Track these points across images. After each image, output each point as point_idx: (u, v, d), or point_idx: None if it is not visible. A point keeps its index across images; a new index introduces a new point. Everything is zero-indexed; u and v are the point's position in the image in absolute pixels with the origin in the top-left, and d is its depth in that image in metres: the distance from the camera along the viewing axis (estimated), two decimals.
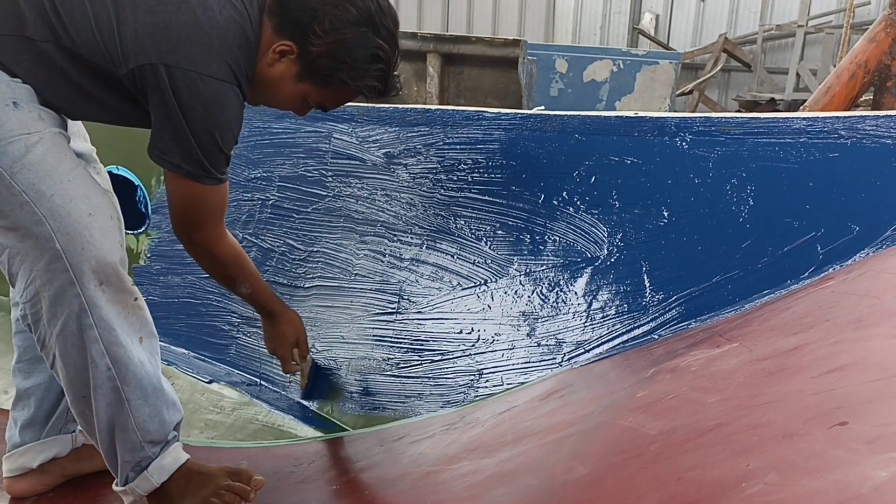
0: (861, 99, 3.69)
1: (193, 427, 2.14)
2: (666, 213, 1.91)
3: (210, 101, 1.38)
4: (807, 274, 1.69)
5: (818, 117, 1.80)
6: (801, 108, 3.48)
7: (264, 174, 2.36)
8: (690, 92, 10.14)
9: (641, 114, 2.02)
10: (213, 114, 1.40)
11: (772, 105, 9.64)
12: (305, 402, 2.16)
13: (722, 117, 1.92)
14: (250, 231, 2.36)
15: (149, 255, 2.52)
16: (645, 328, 1.82)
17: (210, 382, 2.31)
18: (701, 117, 1.94)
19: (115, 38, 1.34)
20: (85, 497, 1.65)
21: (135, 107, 1.44)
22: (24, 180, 1.29)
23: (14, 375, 1.68)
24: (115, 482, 1.49)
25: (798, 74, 10.33)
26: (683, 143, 1.92)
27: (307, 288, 2.27)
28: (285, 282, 2.29)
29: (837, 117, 1.79)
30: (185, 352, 2.40)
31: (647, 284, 1.88)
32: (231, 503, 1.48)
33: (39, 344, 1.38)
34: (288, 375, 2.14)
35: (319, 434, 2.07)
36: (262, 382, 2.26)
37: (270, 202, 2.35)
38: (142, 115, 1.45)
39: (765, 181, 1.82)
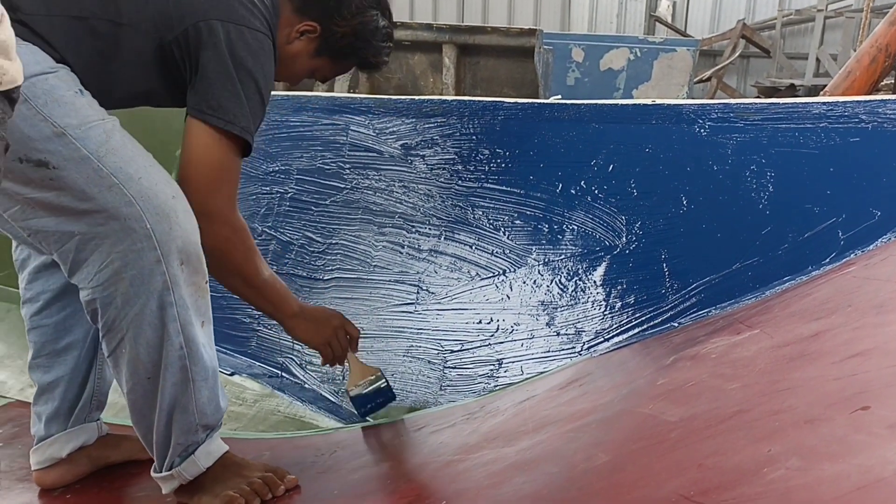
0: (882, 83, 3.64)
1: None
2: (684, 201, 1.90)
3: (258, 52, 1.47)
4: (828, 260, 1.68)
5: (838, 102, 1.79)
6: (822, 93, 3.44)
7: (282, 167, 2.37)
8: (709, 79, 10.06)
9: (659, 101, 2.01)
10: (260, 64, 1.48)
11: (791, 91, 9.54)
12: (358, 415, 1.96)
13: (740, 103, 1.91)
14: (269, 224, 2.37)
15: None
16: (664, 316, 1.82)
17: (232, 374, 2.33)
18: (719, 104, 1.93)
19: (168, 3, 1.43)
20: (112, 488, 1.67)
21: (168, 84, 1.50)
22: (111, 164, 1.34)
23: (33, 371, 1.69)
24: (154, 468, 1.50)
25: (818, 59, 10.22)
26: (702, 131, 1.91)
27: (326, 280, 2.28)
28: (304, 274, 2.31)
29: (858, 101, 1.78)
30: None
31: (666, 273, 1.87)
32: (259, 490, 1.50)
33: (105, 329, 1.39)
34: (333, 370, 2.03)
35: (340, 425, 2.08)
36: (284, 374, 2.28)
37: (289, 195, 2.36)
38: (172, 92, 1.52)
39: (785, 167, 1.81)
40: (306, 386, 2.23)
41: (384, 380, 1.87)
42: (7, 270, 2.68)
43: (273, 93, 2.54)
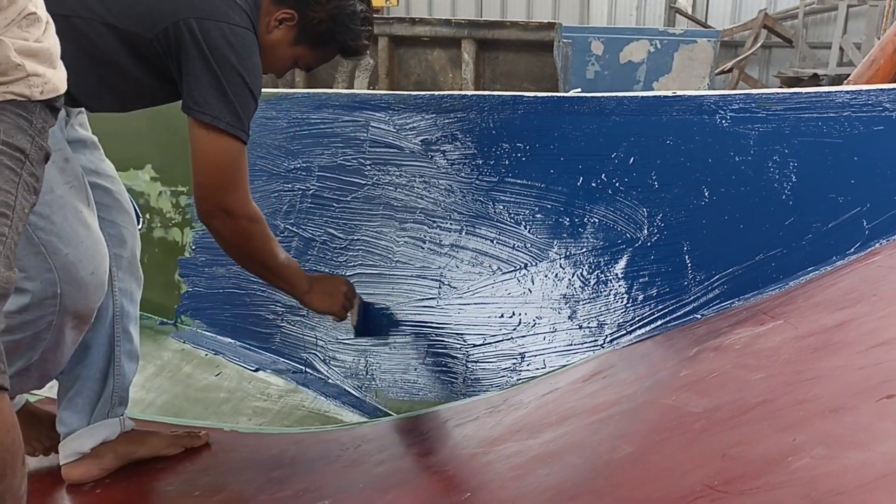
0: None
1: (242, 414, 2.19)
2: (706, 193, 1.89)
3: (239, 47, 1.51)
4: (852, 250, 1.66)
5: (862, 90, 1.77)
6: (845, 82, 3.40)
7: (304, 164, 2.39)
8: (730, 70, 9.97)
9: (679, 93, 2.00)
10: (243, 59, 1.53)
11: (815, 81, 9.44)
12: (361, 338, 2.19)
13: (762, 93, 1.90)
14: (291, 221, 2.39)
15: (193, 248, 2.57)
16: (687, 308, 1.81)
17: (257, 371, 2.35)
18: (741, 94, 1.92)
19: (149, 2, 1.47)
20: (139, 482, 1.70)
21: (160, 80, 1.54)
22: (43, 236, 1.46)
23: None
24: None
25: (841, 48, 10.10)
26: (723, 121, 1.90)
27: (348, 276, 2.30)
28: (327, 270, 2.32)
29: (882, 90, 1.76)
30: (232, 341, 2.45)
31: (689, 264, 1.87)
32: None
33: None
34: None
35: (364, 419, 2.10)
36: (308, 370, 2.30)
37: (311, 192, 2.38)
38: (165, 89, 1.56)
39: (808, 157, 1.79)
40: (330, 381, 2.25)
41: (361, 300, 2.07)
42: None
43: (293, 91, 2.56)
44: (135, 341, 1.80)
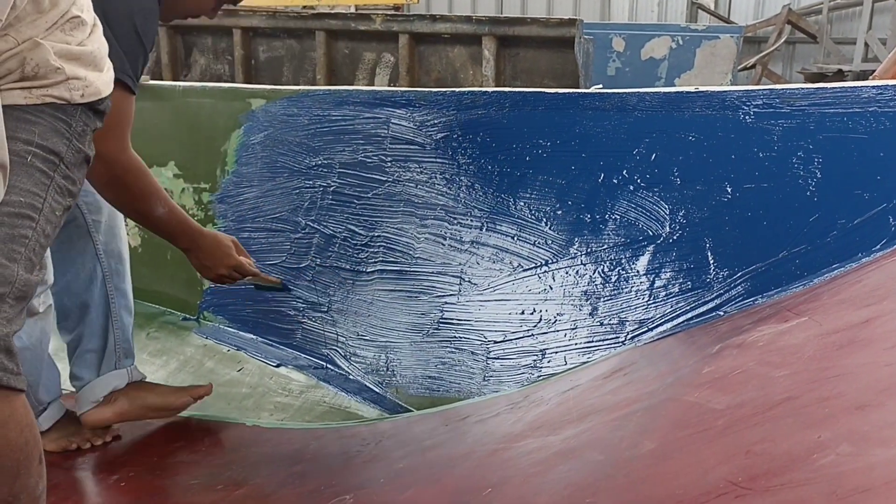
0: None
1: (263, 409, 2.21)
2: (729, 189, 1.88)
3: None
4: (878, 246, 1.64)
5: (888, 85, 1.75)
6: (870, 77, 3.36)
7: (325, 161, 2.39)
8: (753, 66, 9.88)
9: (702, 88, 1.99)
10: (131, 2, 1.54)
11: (839, 77, 9.33)
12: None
13: (786, 89, 1.88)
14: (312, 218, 2.40)
15: None
16: (709, 305, 1.80)
17: (278, 366, 2.36)
18: (764, 89, 1.90)
19: None
20: (163, 475, 1.71)
21: None
22: None
23: (61, 333, 1.89)
24: None
25: (866, 44, 9.97)
26: (746, 117, 1.88)
27: (369, 273, 2.30)
28: (348, 267, 2.33)
29: None
30: (254, 337, 2.46)
31: (711, 261, 1.86)
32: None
33: None
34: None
35: (385, 415, 2.10)
36: (329, 366, 2.31)
37: (332, 189, 2.39)
38: None
39: (833, 153, 1.77)
40: (350, 377, 2.26)
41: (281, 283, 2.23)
42: None
43: (314, 88, 2.57)
44: (129, 297, 1.94)
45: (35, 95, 1.15)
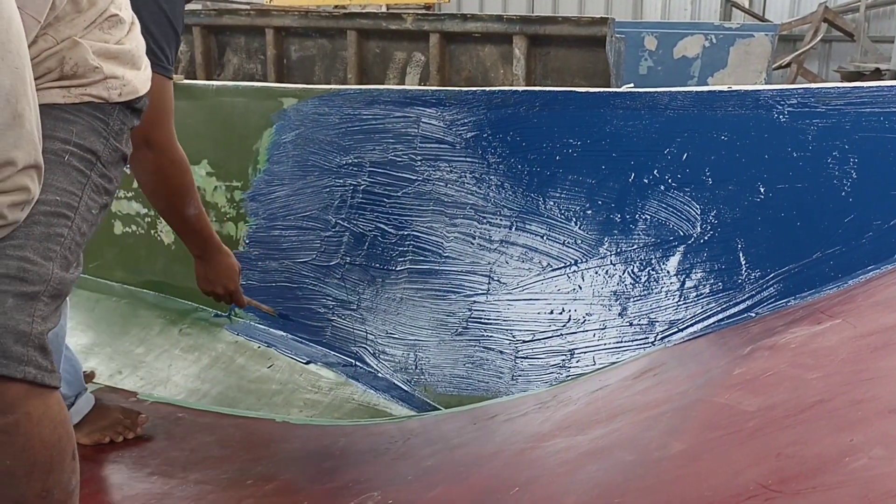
0: None
1: (293, 406, 2.22)
2: (762, 189, 1.86)
3: None
4: None
5: None
6: None
7: (355, 160, 2.41)
8: (788, 65, 9.74)
9: (735, 87, 1.97)
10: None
11: (877, 76, 9.16)
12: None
13: (822, 88, 1.86)
14: (343, 216, 2.42)
15: (247, 242, 2.62)
16: (741, 306, 1.79)
17: (308, 363, 2.38)
18: (799, 88, 1.88)
19: None
20: (193, 469, 1.73)
21: None
22: None
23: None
24: None
25: None
26: (780, 117, 1.86)
27: (399, 271, 2.31)
28: (378, 265, 2.34)
29: None
30: (284, 334, 2.48)
31: (743, 262, 1.84)
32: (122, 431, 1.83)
33: None
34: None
35: (413, 413, 2.11)
36: (358, 364, 2.32)
37: (362, 187, 2.40)
38: None
39: (869, 153, 1.75)
40: (379, 375, 2.27)
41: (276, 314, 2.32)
42: (97, 262, 2.81)
43: (345, 87, 2.59)
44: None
45: (74, 94, 1.17)
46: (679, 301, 1.88)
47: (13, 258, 1.07)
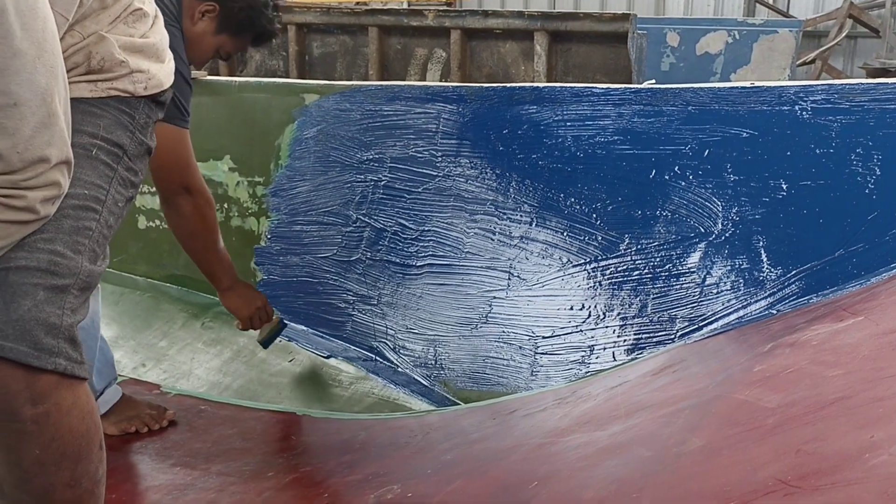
0: None
1: (314, 400, 2.24)
2: (784, 186, 1.85)
3: (176, 45, 1.68)
4: None
5: None
6: None
7: (376, 156, 2.42)
8: (813, 61, 9.63)
9: (758, 83, 1.95)
10: (179, 53, 1.71)
11: None
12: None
13: (845, 84, 1.84)
14: (363, 212, 2.43)
15: (269, 237, 2.64)
16: (762, 303, 1.78)
17: (328, 357, 2.40)
18: (822, 85, 1.86)
19: None
20: (217, 461, 1.76)
21: None
22: None
23: None
24: None
25: None
26: (803, 113, 1.85)
27: (419, 267, 2.32)
28: (398, 261, 2.35)
29: None
30: (305, 328, 2.50)
31: (765, 259, 1.83)
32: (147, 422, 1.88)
33: None
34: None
35: (433, 408, 2.12)
36: (378, 358, 2.34)
37: (382, 183, 2.41)
38: None
39: (893, 150, 1.73)
40: (399, 370, 2.28)
41: (279, 320, 2.31)
42: (121, 256, 2.84)
43: (366, 83, 2.61)
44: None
45: (101, 88, 1.19)
46: (699, 298, 1.87)
47: (44, 251, 1.09)
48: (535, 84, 2.47)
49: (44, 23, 1.02)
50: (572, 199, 2.11)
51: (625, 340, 1.93)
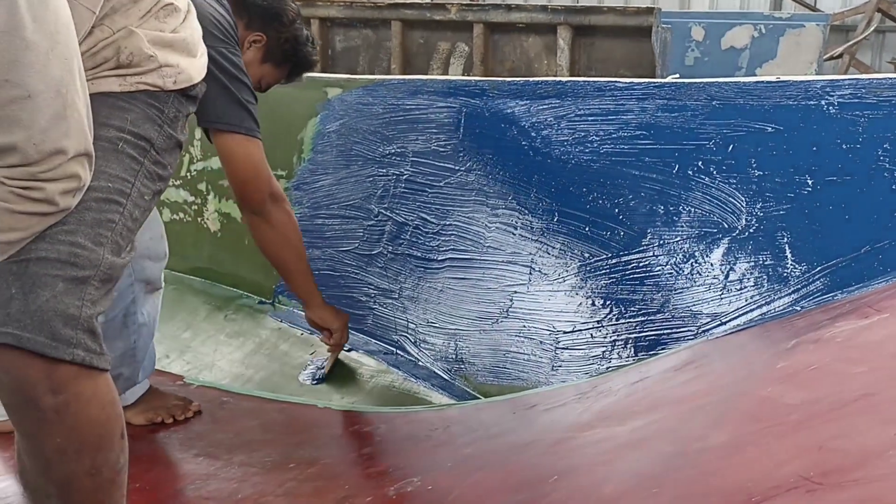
0: None
1: (335, 392, 2.26)
2: (810, 182, 1.83)
3: (239, 64, 1.83)
4: None
5: None
6: None
7: (398, 150, 2.42)
8: (840, 56, 9.52)
9: (784, 78, 1.93)
10: (244, 73, 1.84)
11: None
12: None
13: (872, 79, 1.82)
14: (385, 206, 2.44)
15: None
16: (786, 300, 1.76)
17: (349, 351, 2.41)
18: (849, 79, 1.84)
19: None
20: (239, 452, 1.77)
21: None
22: None
23: None
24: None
25: None
26: (830, 108, 1.83)
27: (440, 261, 2.33)
28: (419, 255, 2.36)
29: None
30: None
31: (789, 255, 1.81)
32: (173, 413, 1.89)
33: None
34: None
35: (453, 402, 2.12)
36: (399, 352, 2.35)
37: (404, 177, 2.41)
38: None
39: None
40: (420, 363, 2.29)
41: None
42: None
43: (389, 77, 2.61)
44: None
45: (129, 83, 1.20)
46: (722, 294, 1.86)
47: (64, 243, 1.10)
48: (558, 78, 2.46)
49: (56, 14, 1.02)
50: (594, 194, 2.10)
51: (646, 336, 1.92)
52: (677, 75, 2.82)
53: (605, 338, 1.99)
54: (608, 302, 2.02)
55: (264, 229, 2.03)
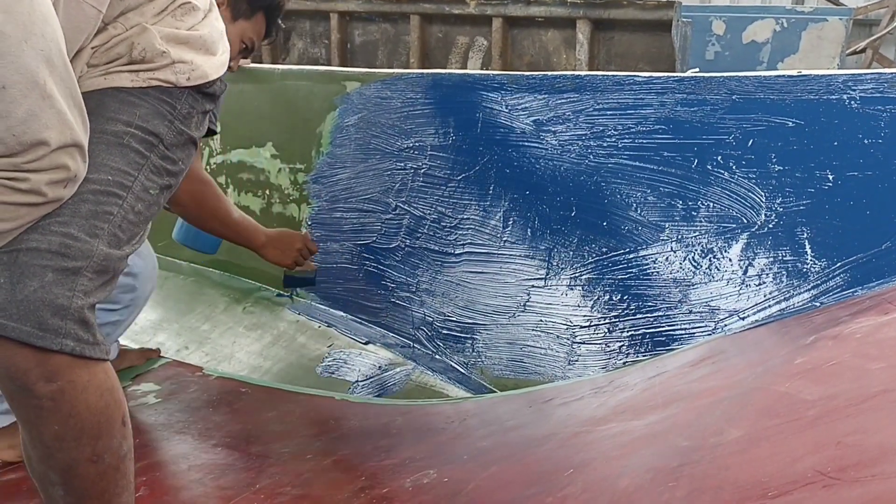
0: None
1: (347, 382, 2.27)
2: (831, 177, 1.81)
3: None
4: None
5: None
6: None
7: (416, 143, 2.43)
8: (863, 50, 9.40)
9: (805, 72, 1.92)
10: None
11: None
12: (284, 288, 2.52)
13: (895, 73, 1.80)
14: (403, 199, 2.44)
15: (309, 223, 2.67)
16: (805, 296, 1.75)
17: (367, 343, 2.42)
18: (871, 73, 1.82)
19: None
20: (256, 443, 1.79)
21: None
22: None
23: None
24: None
25: None
26: (852, 102, 1.81)
27: (458, 255, 2.33)
28: (436, 248, 2.36)
29: None
30: (344, 314, 2.53)
31: (809, 251, 1.80)
32: None
33: None
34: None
35: (470, 395, 2.13)
36: (415, 345, 2.36)
37: (422, 171, 2.42)
38: None
39: None
40: (437, 357, 2.30)
41: (315, 269, 2.42)
42: (165, 241, 2.89)
43: (407, 71, 2.61)
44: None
45: (141, 78, 1.21)
46: (741, 289, 1.85)
47: (56, 234, 1.09)
48: (577, 72, 2.45)
49: (30, 7, 1.01)
50: (612, 189, 2.10)
51: (663, 331, 1.92)
52: (697, 70, 2.80)
53: (621, 332, 1.99)
54: (625, 297, 2.02)
55: (174, 205, 2.00)
